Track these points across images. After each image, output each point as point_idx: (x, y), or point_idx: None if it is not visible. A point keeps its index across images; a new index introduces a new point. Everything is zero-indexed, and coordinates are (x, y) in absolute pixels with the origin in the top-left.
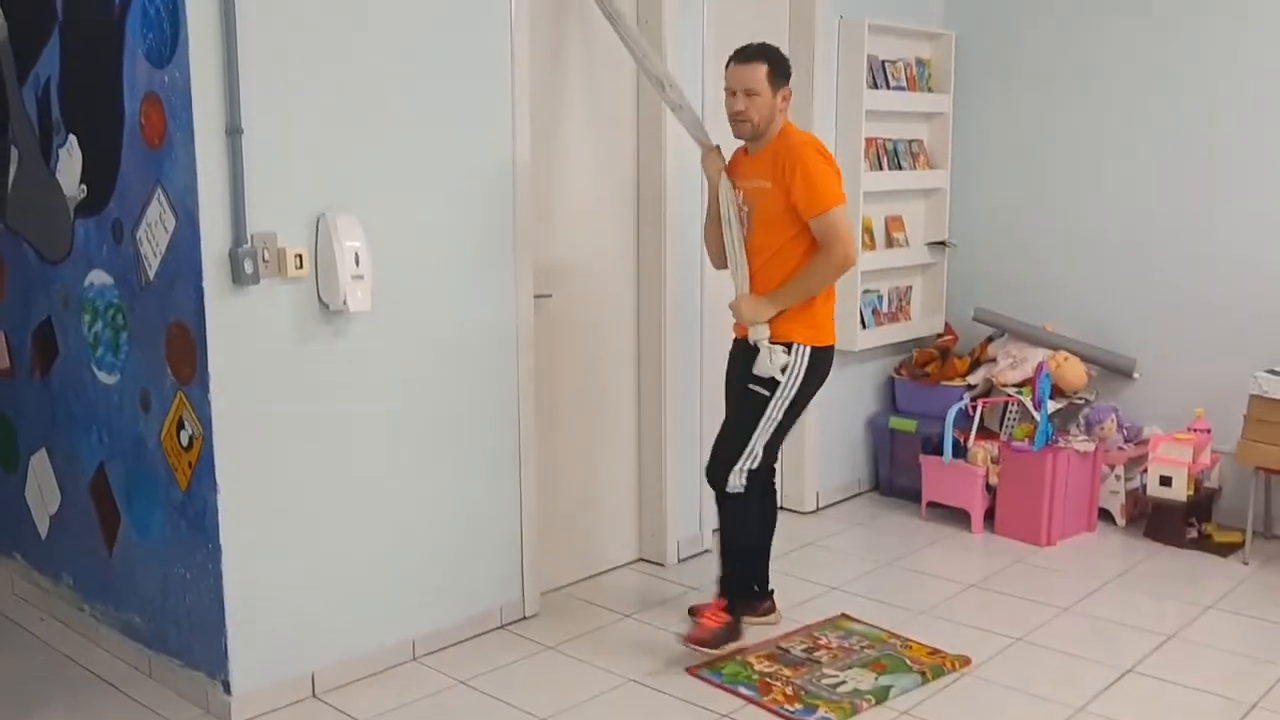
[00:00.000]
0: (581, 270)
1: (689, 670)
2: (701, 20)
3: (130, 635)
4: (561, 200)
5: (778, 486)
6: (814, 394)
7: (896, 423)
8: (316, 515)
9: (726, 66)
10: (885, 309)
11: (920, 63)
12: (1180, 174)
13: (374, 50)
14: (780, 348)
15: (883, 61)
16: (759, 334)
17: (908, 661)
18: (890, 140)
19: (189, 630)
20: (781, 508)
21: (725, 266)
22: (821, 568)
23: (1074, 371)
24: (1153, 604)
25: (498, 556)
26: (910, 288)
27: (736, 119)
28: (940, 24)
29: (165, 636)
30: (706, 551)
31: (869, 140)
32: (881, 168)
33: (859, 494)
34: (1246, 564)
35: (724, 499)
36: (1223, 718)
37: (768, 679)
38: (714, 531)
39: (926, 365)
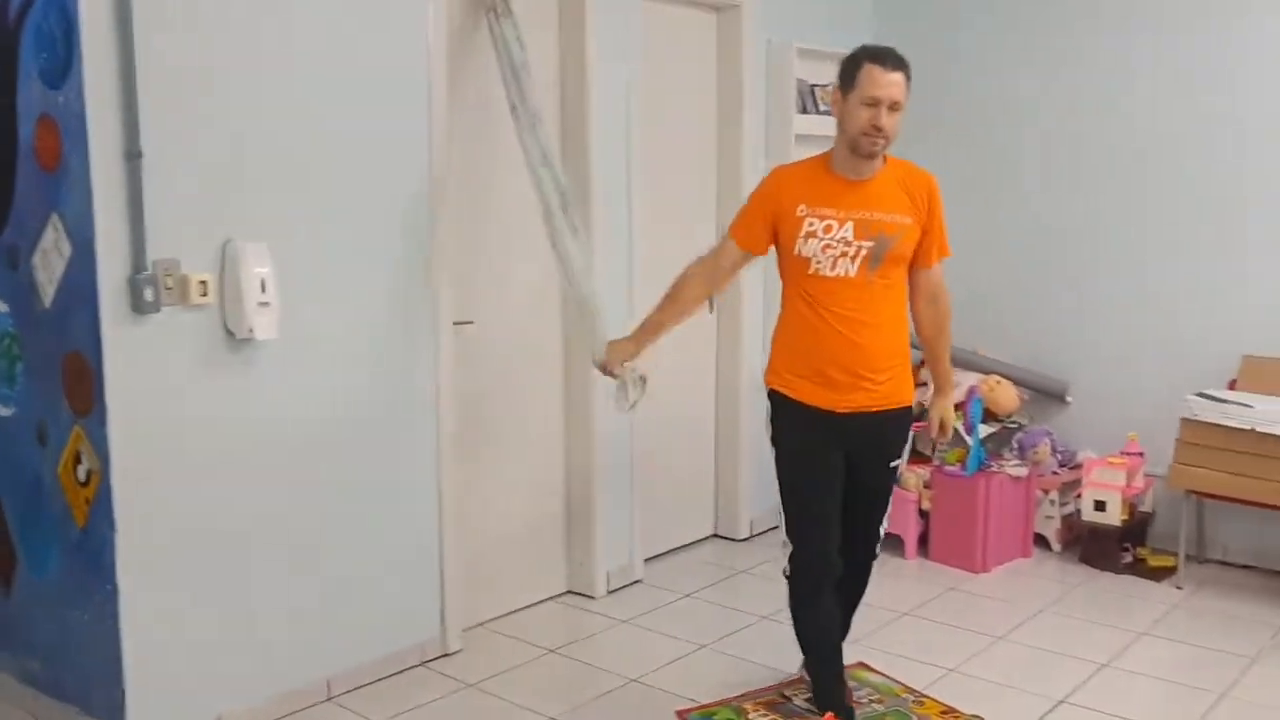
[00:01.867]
0: (505, 295)
1: (678, 713)
2: (627, 42)
3: (28, 682)
4: (482, 223)
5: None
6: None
7: None
8: (222, 553)
9: (853, 66)
10: None
11: None
12: (1111, 198)
13: (284, 70)
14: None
15: (811, 86)
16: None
17: (914, 719)
18: None
19: (86, 677)
20: (715, 535)
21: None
22: (753, 596)
23: (1006, 395)
24: (1087, 631)
25: (417, 592)
26: None
27: (870, 137)
28: (869, 40)
29: (63, 684)
30: (638, 582)
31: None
32: None
33: None
34: (1180, 588)
35: (865, 572)
36: None
37: None
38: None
39: None
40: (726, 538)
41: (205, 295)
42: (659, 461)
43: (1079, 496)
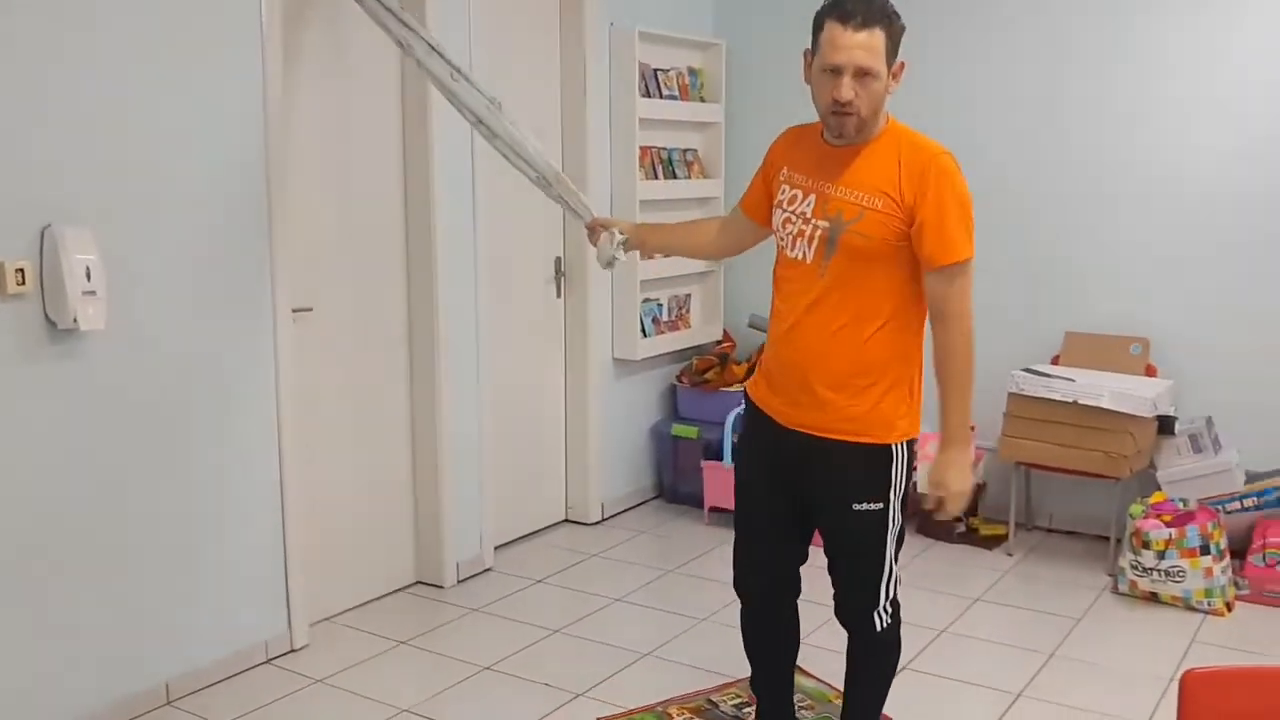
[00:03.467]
0: (346, 281)
1: None
2: (467, 23)
3: None
4: (323, 206)
5: (571, 503)
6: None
7: (679, 430)
8: (46, 555)
9: (819, 29)
10: (665, 317)
11: (692, 72)
12: None
13: (105, 46)
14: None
15: (655, 70)
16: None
17: None
18: (664, 149)
19: None
20: (566, 520)
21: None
22: (604, 579)
23: None
24: (926, 599)
25: (260, 588)
26: (689, 296)
27: (837, 113)
28: (710, 34)
29: None
30: (488, 571)
31: (643, 149)
32: (657, 176)
33: (643, 502)
34: (1010, 555)
35: (866, 640)
36: (992, 708)
37: None
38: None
39: (706, 372)
40: (578, 522)
41: (22, 284)
42: (508, 448)
43: (915, 470)
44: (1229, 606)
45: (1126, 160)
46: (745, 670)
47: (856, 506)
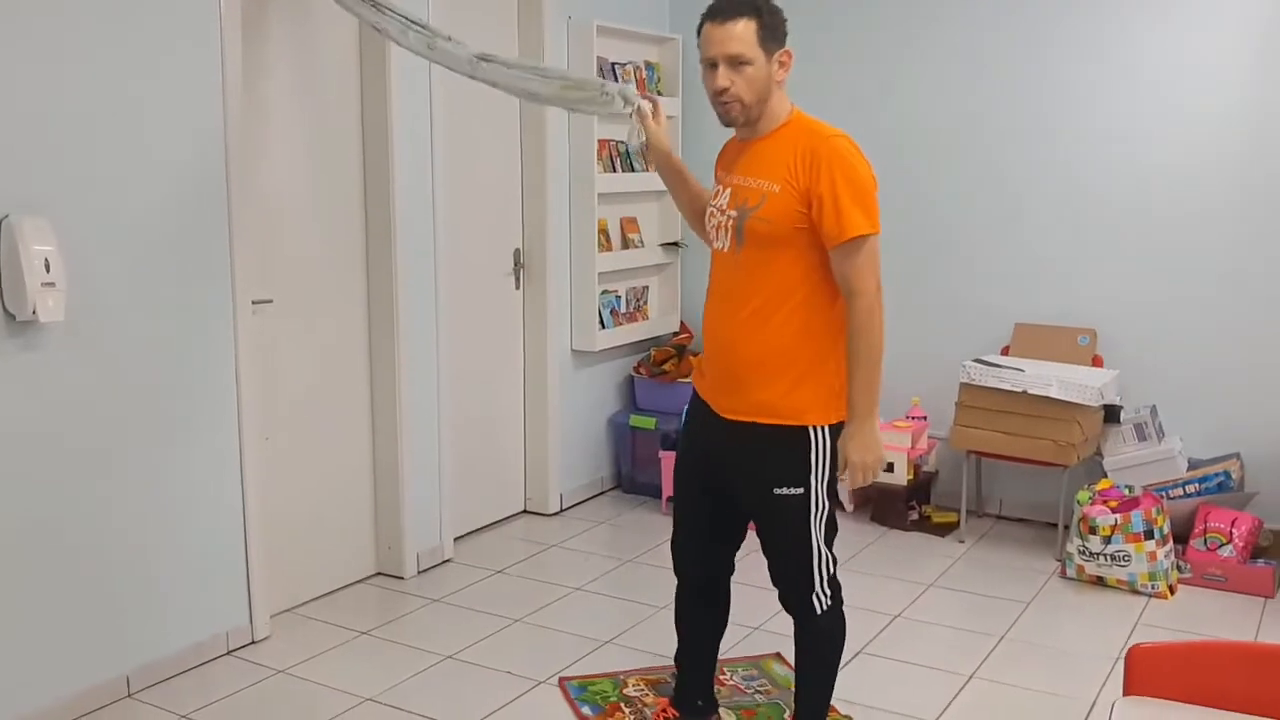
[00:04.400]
0: (306, 274)
1: (560, 680)
2: (427, 15)
3: None
4: (281, 201)
5: (530, 495)
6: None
7: (637, 420)
8: (5, 547)
9: (699, 30)
10: (623, 309)
11: (649, 65)
12: (898, 173)
13: (62, 37)
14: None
15: (613, 64)
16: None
17: (788, 713)
18: (622, 142)
19: None
20: (525, 511)
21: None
22: (564, 569)
23: None
24: (880, 585)
25: (221, 580)
26: (647, 288)
27: (720, 100)
28: (667, 28)
29: None
30: (448, 561)
31: (601, 142)
32: (615, 169)
33: (602, 493)
34: (962, 542)
35: (808, 625)
36: (945, 689)
37: (622, 704)
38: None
39: (664, 363)
40: (537, 513)
41: None
42: (467, 440)
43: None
44: (1172, 589)
45: (1075, 161)
46: None
47: (777, 491)
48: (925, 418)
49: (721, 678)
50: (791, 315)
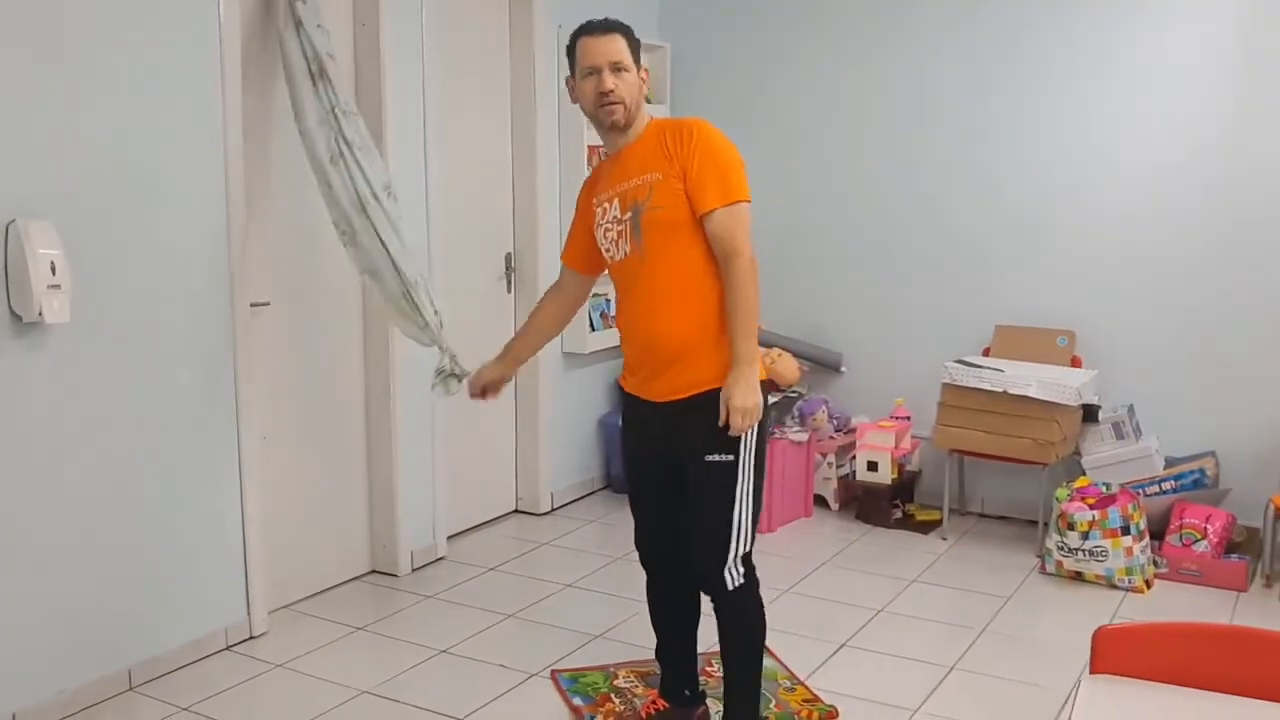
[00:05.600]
0: (302, 277)
1: (552, 672)
2: (420, 24)
3: None
4: (280, 201)
5: (521, 494)
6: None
7: None
8: (9, 544)
9: (570, 49)
10: (612, 312)
11: None
12: (879, 183)
13: (67, 43)
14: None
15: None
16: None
17: (774, 703)
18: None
19: None
20: (517, 510)
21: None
22: (556, 566)
23: (788, 367)
24: (865, 581)
25: (221, 576)
26: None
27: (605, 103)
28: (656, 36)
29: None
30: (442, 559)
31: (591, 148)
32: None
33: (592, 492)
34: (945, 539)
35: (724, 602)
36: (927, 681)
37: (612, 695)
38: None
39: None
40: (528, 513)
41: None
42: (460, 440)
43: (853, 458)
44: (1148, 584)
45: (1055, 165)
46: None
47: (708, 458)
48: (909, 418)
49: (709, 670)
50: (707, 293)
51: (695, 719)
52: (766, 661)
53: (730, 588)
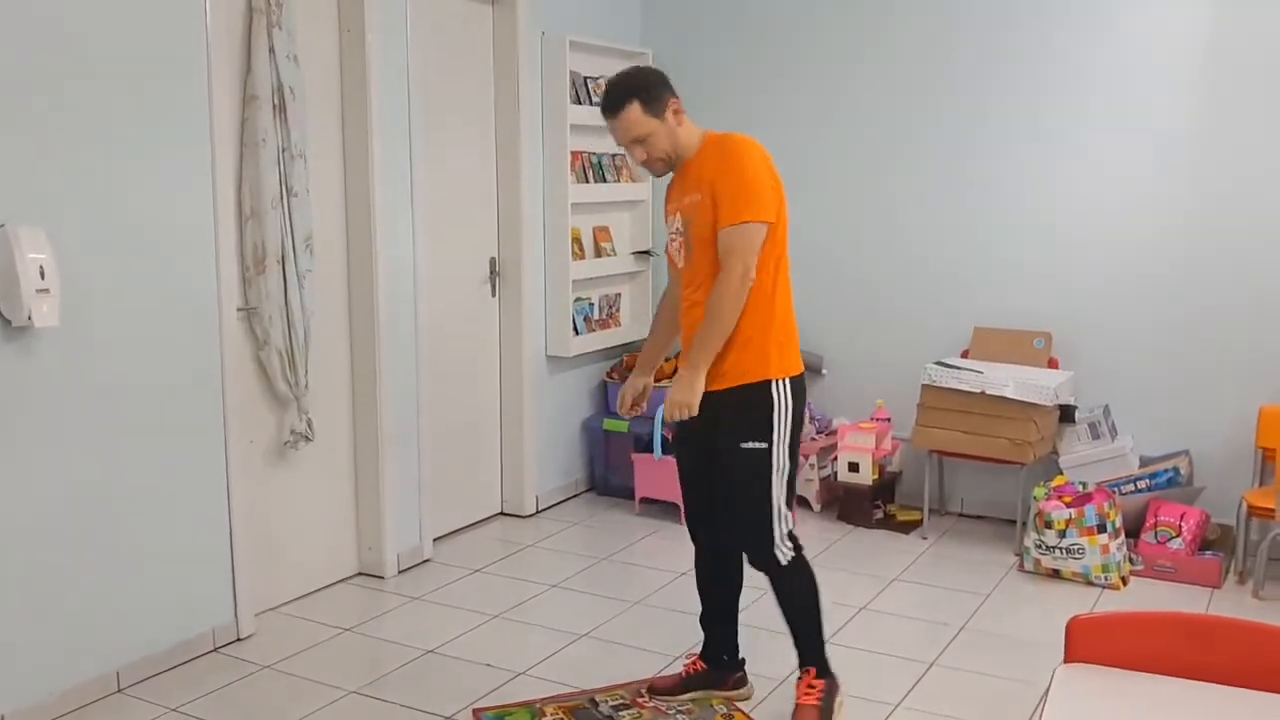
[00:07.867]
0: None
1: (474, 711)
2: (405, 29)
3: None
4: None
5: (505, 495)
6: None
7: (610, 424)
8: None
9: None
10: (596, 316)
11: None
12: (858, 188)
13: (61, 53)
14: None
15: (585, 78)
16: None
17: None
18: (594, 154)
19: None
20: (502, 512)
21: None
22: (541, 568)
23: None
24: (847, 580)
25: (208, 578)
26: (619, 295)
27: (646, 168)
28: (638, 43)
29: None
30: (428, 561)
31: (574, 154)
32: (587, 180)
33: (576, 495)
34: (925, 539)
35: (780, 576)
36: (907, 676)
37: None
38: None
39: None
40: (513, 515)
41: None
42: (445, 443)
43: (835, 460)
44: (1124, 581)
45: (1032, 169)
46: (671, 652)
47: (743, 445)
48: (889, 419)
49: (641, 700)
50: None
51: (732, 683)
52: (710, 691)
53: (784, 563)
